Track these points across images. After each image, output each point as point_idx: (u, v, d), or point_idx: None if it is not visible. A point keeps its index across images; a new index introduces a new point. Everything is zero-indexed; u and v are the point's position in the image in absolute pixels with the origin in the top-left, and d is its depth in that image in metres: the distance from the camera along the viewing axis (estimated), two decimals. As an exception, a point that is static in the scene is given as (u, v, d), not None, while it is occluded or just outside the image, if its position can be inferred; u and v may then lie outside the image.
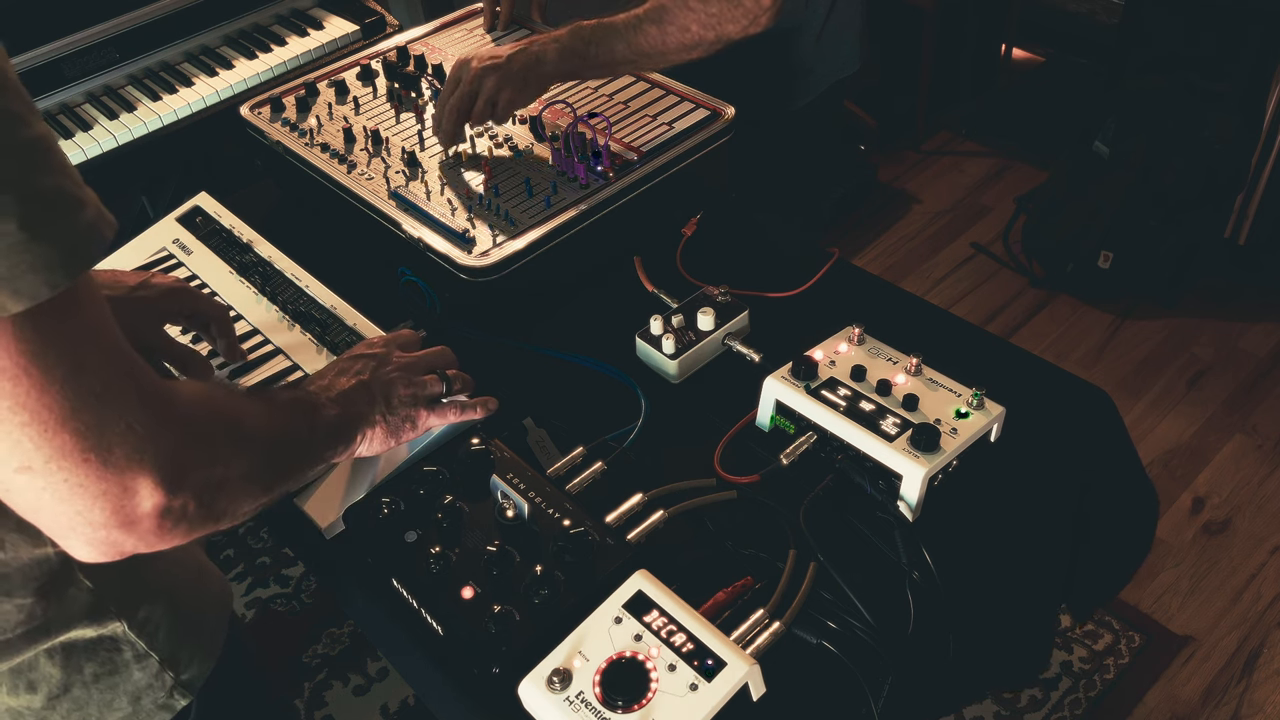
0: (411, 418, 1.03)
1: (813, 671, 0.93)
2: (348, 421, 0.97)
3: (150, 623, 0.92)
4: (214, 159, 1.98)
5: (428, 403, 1.05)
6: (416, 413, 1.04)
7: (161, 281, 1.14)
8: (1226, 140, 2.57)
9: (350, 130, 1.42)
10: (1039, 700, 1.96)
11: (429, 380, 1.06)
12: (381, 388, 1.02)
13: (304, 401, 0.95)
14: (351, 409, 0.98)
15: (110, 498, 0.68)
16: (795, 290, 1.30)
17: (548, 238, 1.26)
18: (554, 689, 0.86)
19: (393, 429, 1.02)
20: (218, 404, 0.80)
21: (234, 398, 0.87)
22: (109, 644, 0.90)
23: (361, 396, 1.00)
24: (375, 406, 1.00)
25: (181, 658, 0.95)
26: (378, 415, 1.00)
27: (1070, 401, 1.18)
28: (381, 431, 1.01)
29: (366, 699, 2.06)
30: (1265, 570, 2.15)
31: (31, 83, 1.72)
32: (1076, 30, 3.57)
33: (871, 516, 1.03)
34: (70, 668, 0.89)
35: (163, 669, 0.93)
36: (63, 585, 0.85)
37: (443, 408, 1.06)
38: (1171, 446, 2.41)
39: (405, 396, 1.03)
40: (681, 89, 1.47)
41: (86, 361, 0.65)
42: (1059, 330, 2.73)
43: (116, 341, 0.69)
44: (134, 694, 0.92)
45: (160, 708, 0.95)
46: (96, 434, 0.66)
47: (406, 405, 1.03)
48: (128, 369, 0.69)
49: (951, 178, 3.27)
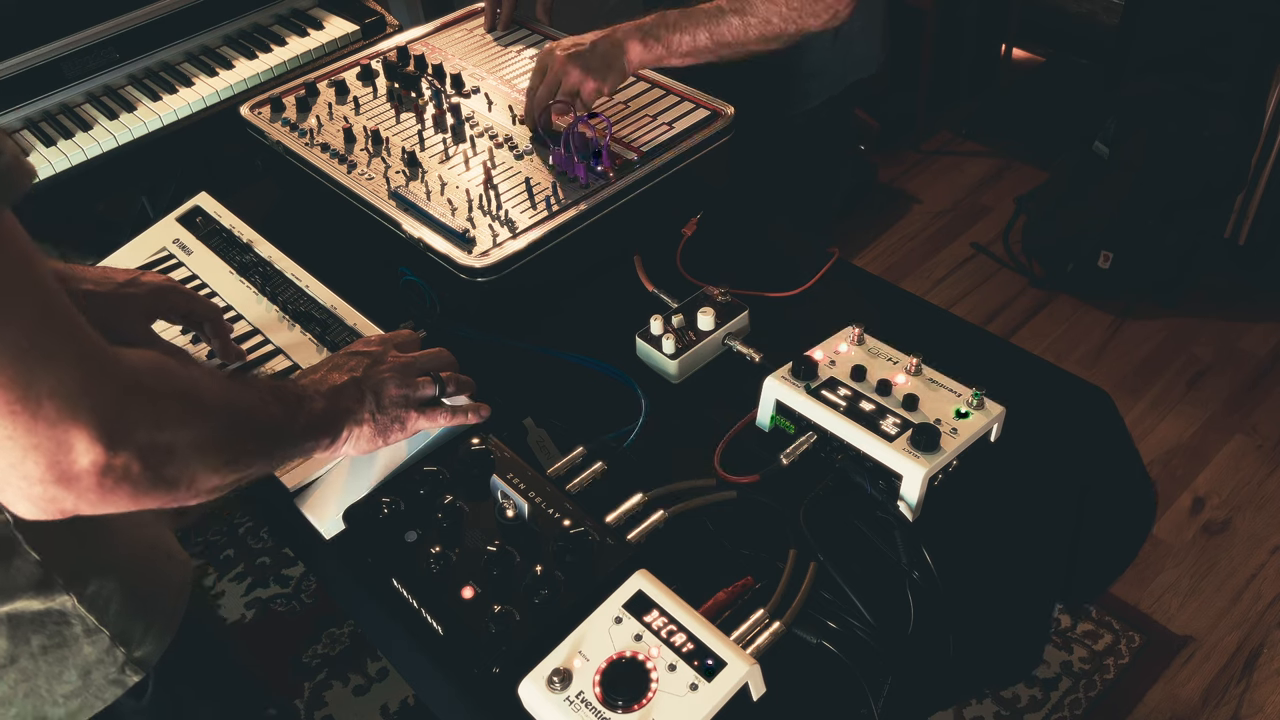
0: (400, 419, 1.03)
1: (813, 671, 0.93)
2: (333, 416, 0.97)
3: (101, 598, 0.92)
4: (214, 159, 1.98)
5: (418, 404, 1.04)
6: (406, 414, 1.03)
7: (151, 280, 1.14)
8: (1226, 140, 2.57)
9: (350, 130, 1.42)
10: (1039, 700, 1.96)
11: (422, 382, 1.06)
12: (373, 386, 1.01)
13: (286, 390, 0.95)
14: (338, 404, 0.98)
15: (44, 451, 0.67)
16: (795, 290, 1.30)
17: (548, 238, 1.26)
18: (554, 689, 0.86)
19: (380, 428, 1.01)
20: (170, 370, 0.78)
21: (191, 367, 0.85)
22: (57, 617, 0.90)
23: (351, 393, 0.99)
24: (364, 404, 1.00)
25: (134, 634, 0.95)
26: (366, 413, 1.00)
27: (1070, 401, 1.18)
28: (369, 430, 1.01)
29: (366, 699, 2.06)
30: (1265, 570, 2.15)
31: (31, 83, 1.72)
32: (1076, 30, 3.57)
33: (871, 516, 1.03)
34: (17, 639, 0.89)
35: (114, 645, 0.94)
36: (7, 555, 0.85)
37: (433, 410, 1.06)
38: (1171, 446, 2.41)
39: (396, 397, 1.02)
40: (681, 89, 1.47)
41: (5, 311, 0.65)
42: (1059, 330, 2.73)
43: (47, 296, 0.68)
44: (84, 668, 0.93)
45: (111, 683, 0.95)
46: (23, 386, 0.65)
47: (397, 406, 1.02)
48: (63, 325, 0.69)
49: (951, 178, 3.27)
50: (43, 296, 0.68)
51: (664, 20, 1.35)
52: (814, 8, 1.33)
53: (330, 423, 0.97)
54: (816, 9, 1.33)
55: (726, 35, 1.35)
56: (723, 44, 1.36)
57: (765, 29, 1.34)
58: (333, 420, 0.97)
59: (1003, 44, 3.52)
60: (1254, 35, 2.61)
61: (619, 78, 1.36)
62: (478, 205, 1.31)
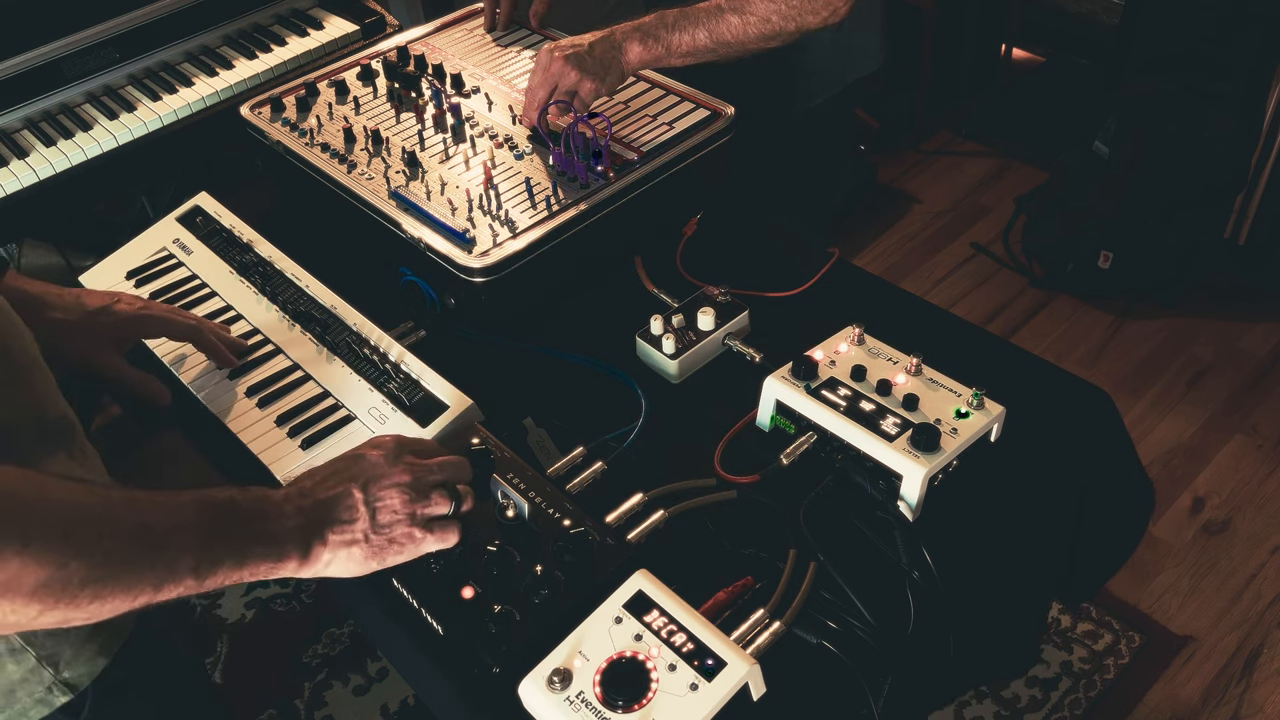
0: (403, 539, 0.92)
1: (813, 671, 0.93)
2: (304, 534, 0.86)
3: None
4: (214, 159, 1.98)
5: (426, 522, 0.93)
6: (411, 532, 0.92)
7: (126, 309, 1.14)
8: (1226, 140, 2.57)
9: (350, 130, 1.42)
10: (1039, 700, 1.96)
11: (435, 496, 0.94)
12: (372, 500, 0.90)
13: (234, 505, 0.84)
14: (317, 520, 0.87)
15: None
16: (795, 290, 1.30)
17: (548, 238, 1.26)
18: (554, 689, 0.86)
19: (375, 549, 0.90)
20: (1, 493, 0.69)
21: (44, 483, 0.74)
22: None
23: (340, 508, 0.89)
24: (357, 522, 0.89)
25: (63, 655, 0.92)
26: (359, 532, 0.89)
27: (1070, 401, 1.18)
28: (360, 551, 0.89)
29: (366, 699, 2.06)
30: (1265, 570, 2.15)
31: (31, 83, 1.72)
32: (1076, 30, 3.57)
33: (871, 516, 1.03)
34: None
35: (40, 664, 0.91)
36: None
37: (445, 528, 0.95)
38: (1171, 446, 2.41)
39: (402, 514, 0.91)
40: (682, 89, 1.47)
41: None
42: (1059, 330, 2.73)
43: None
44: (7, 687, 0.90)
45: (38, 702, 0.92)
46: None
47: (402, 524, 0.91)
48: None
49: (951, 178, 3.27)
50: None
51: (663, 20, 1.35)
52: (813, 4, 1.33)
53: (299, 541, 0.86)
54: (815, 5, 1.33)
55: (726, 34, 1.34)
56: (722, 43, 1.35)
57: (765, 27, 1.34)
58: (304, 539, 0.86)
59: (1003, 44, 3.52)
60: (1254, 35, 2.61)
61: (617, 79, 1.36)
62: (478, 205, 1.31)
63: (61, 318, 1.06)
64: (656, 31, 1.34)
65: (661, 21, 1.35)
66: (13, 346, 0.90)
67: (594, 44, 1.34)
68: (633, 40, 1.34)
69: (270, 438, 1.15)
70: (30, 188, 1.65)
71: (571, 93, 1.34)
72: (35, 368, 0.92)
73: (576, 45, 1.34)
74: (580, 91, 1.33)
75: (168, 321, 1.17)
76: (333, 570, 0.89)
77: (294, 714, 2.04)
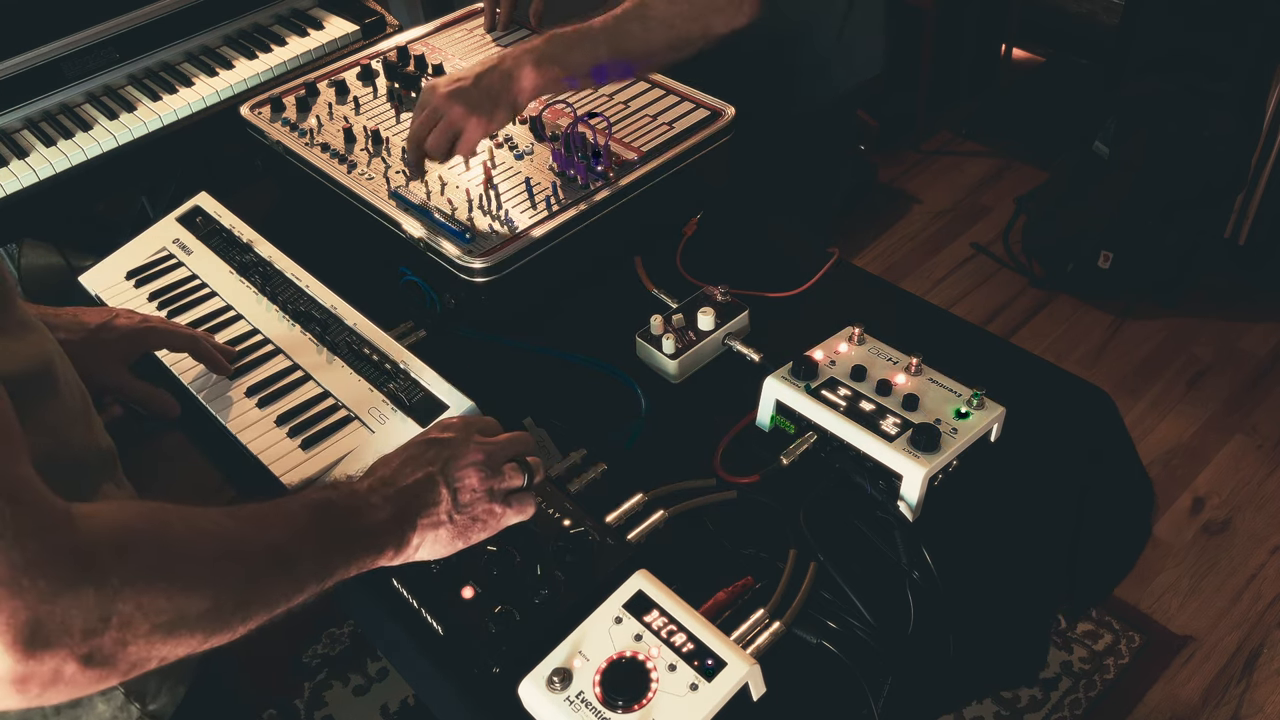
0: (485, 515, 0.92)
1: (813, 671, 0.93)
2: (399, 524, 0.87)
3: None
4: (214, 159, 1.98)
5: (504, 497, 0.93)
6: (491, 508, 0.92)
7: (125, 324, 1.14)
8: (1226, 140, 2.57)
9: (350, 130, 1.42)
10: (1039, 700, 1.96)
11: (508, 471, 0.94)
12: (452, 482, 0.91)
13: (333, 505, 0.84)
14: (409, 509, 0.88)
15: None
16: (795, 290, 1.30)
17: (548, 238, 1.26)
18: (554, 689, 0.86)
19: (460, 529, 0.91)
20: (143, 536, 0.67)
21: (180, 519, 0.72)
22: None
23: (426, 494, 0.89)
24: (441, 504, 0.89)
25: (149, 689, 0.92)
26: (443, 514, 0.90)
27: (1070, 401, 1.18)
28: (447, 533, 0.90)
29: (366, 699, 2.06)
30: (1265, 570, 2.15)
31: (31, 83, 1.72)
32: (1076, 30, 3.57)
33: (871, 516, 1.03)
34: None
35: (129, 701, 0.91)
36: None
37: (523, 499, 0.95)
38: (1171, 446, 2.41)
39: (480, 492, 0.92)
40: (682, 89, 1.47)
41: None
42: (1059, 330, 2.73)
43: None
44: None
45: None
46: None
47: (481, 501, 0.92)
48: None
49: (951, 178, 3.27)
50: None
51: (557, 40, 1.24)
52: (716, 3, 1.24)
53: (394, 532, 0.87)
54: (719, 4, 1.24)
55: (629, 46, 1.25)
56: (628, 56, 1.26)
57: (669, 33, 1.25)
58: (398, 528, 0.87)
59: (1003, 44, 3.52)
60: (1254, 35, 2.61)
61: (510, 111, 1.24)
62: (478, 205, 1.31)
63: (65, 338, 1.06)
64: (551, 53, 1.23)
65: (557, 42, 1.24)
66: (73, 382, 0.91)
67: (480, 75, 1.23)
68: (524, 66, 1.22)
69: (270, 438, 1.15)
70: (30, 188, 1.65)
71: (455, 132, 1.23)
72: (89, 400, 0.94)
73: (461, 79, 1.23)
74: (465, 129, 1.22)
75: (167, 333, 1.18)
76: (422, 554, 0.90)
77: (294, 714, 2.04)
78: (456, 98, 1.21)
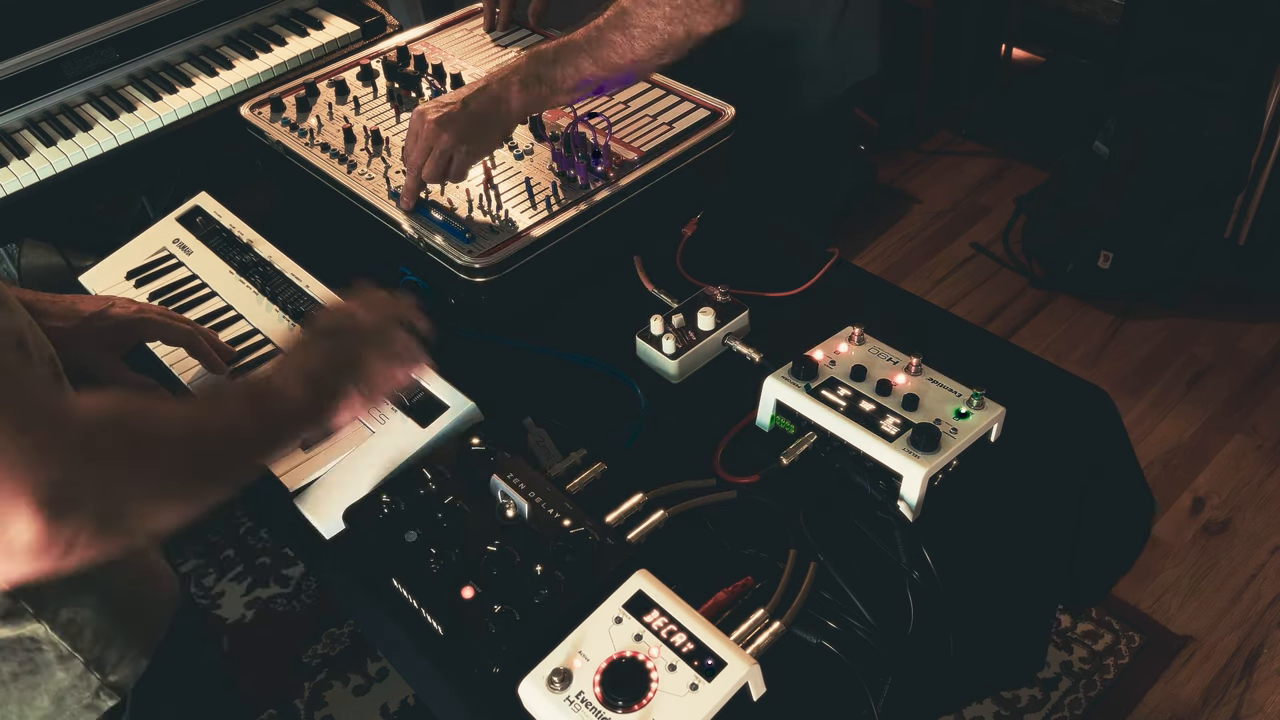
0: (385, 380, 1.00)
1: (813, 671, 0.93)
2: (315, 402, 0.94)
3: (75, 624, 0.90)
4: (214, 159, 1.98)
5: (402, 360, 1.01)
6: (392, 372, 1.00)
7: (121, 312, 1.14)
8: (1226, 140, 2.57)
9: (350, 130, 1.42)
10: (1039, 700, 1.96)
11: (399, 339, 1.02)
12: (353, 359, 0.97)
13: (260, 389, 0.91)
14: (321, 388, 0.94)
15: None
16: (795, 290, 1.30)
17: (548, 238, 1.26)
18: (554, 689, 0.86)
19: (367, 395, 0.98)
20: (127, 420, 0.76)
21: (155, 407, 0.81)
22: (29, 644, 0.88)
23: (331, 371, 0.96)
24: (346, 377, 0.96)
25: (109, 659, 0.93)
26: (351, 385, 0.96)
27: (1070, 401, 1.18)
28: (359, 401, 0.98)
29: (366, 699, 2.06)
30: (1265, 570, 2.15)
31: (31, 83, 1.72)
32: (1076, 30, 3.56)
33: (871, 516, 1.03)
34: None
35: (88, 670, 0.92)
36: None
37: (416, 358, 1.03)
38: (1171, 446, 2.41)
39: (380, 362, 0.99)
40: (682, 89, 1.47)
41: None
42: (1059, 330, 2.73)
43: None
44: (57, 694, 0.91)
45: (86, 708, 0.93)
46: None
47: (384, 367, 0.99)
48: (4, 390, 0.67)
49: (951, 178, 3.27)
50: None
51: (540, 58, 1.24)
52: (698, 3, 1.22)
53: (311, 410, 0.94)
54: (702, 4, 1.22)
55: (613, 57, 1.23)
56: (613, 67, 1.24)
57: (653, 38, 1.22)
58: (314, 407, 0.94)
59: (1003, 44, 3.52)
60: (1254, 35, 2.61)
61: (501, 132, 1.26)
62: (478, 205, 1.31)
63: (60, 325, 1.06)
64: (536, 71, 1.23)
65: (540, 60, 1.24)
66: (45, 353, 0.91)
67: (468, 99, 1.23)
68: (511, 87, 1.23)
69: (270, 438, 1.15)
70: (30, 188, 1.65)
71: (447, 159, 1.23)
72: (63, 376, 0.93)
73: (449, 105, 1.23)
74: (456, 156, 1.23)
75: (164, 325, 1.17)
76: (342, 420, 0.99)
77: (294, 714, 2.04)
78: (445, 125, 1.22)
